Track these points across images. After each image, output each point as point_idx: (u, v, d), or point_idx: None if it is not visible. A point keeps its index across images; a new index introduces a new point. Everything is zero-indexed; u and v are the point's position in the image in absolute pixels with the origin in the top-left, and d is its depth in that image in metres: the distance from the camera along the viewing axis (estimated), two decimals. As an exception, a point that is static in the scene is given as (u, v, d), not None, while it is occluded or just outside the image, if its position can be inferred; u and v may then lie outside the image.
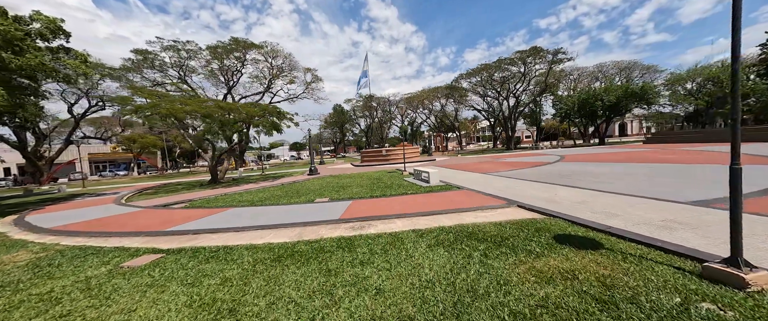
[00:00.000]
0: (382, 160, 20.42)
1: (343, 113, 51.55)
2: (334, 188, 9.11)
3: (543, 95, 36.83)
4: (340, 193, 8.10)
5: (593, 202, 4.98)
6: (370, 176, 12.03)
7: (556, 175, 8.85)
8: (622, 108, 27.60)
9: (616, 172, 8.53)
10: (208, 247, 3.98)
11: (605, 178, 7.45)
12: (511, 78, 34.44)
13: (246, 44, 26.46)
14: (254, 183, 12.89)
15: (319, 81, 33.11)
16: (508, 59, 31.06)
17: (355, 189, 8.65)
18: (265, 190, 9.89)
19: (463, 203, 5.71)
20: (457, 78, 36.38)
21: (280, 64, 30.43)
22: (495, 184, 7.77)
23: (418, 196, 6.77)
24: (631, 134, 54.31)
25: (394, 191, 7.68)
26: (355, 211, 5.63)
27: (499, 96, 37.22)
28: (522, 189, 6.80)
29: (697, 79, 32.18)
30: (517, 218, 4.51)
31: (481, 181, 8.72)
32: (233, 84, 29.92)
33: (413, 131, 54.63)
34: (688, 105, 33.12)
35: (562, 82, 38.37)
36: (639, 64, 36.27)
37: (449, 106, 45.92)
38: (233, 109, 10.96)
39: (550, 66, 30.28)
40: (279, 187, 10.77)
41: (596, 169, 9.54)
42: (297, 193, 8.59)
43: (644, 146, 21.10)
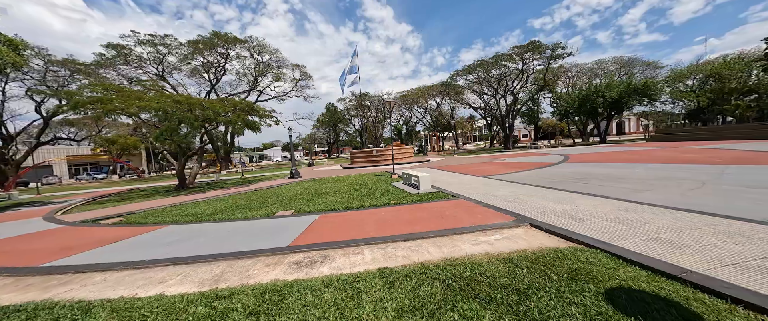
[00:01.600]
0: (373, 161, 19.04)
1: (336, 113, 50.06)
2: (308, 196, 7.71)
3: (541, 93, 35.76)
4: (311, 202, 6.70)
5: (635, 221, 3.65)
6: (354, 180, 10.65)
7: (567, 178, 7.55)
8: (624, 105, 26.54)
9: (639, 174, 7.24)
10: (63, 302, 2.57)
11: (630, 184, 6.15)
12: (509, 75, 33.29)
13: (228, 38, 24.88)
14: (225, 189, 11.44)
15: (309, 78, 31.60)
16: (506, 55, 29.87)
17: (331, 197, 7.26)
18: (227, 199, 8.45)
19: (458, 220, 4.35)
20: (453, 75, 35.13)
21: (266, 60, 28.90)
22: (497, 191, 6.43)
23: (402, 208, 5.40)
24: (629, 133, 53.60)
25: (375, 200, 6.31)
26: (317, 232, 4.24)
27: (496, 94, 36.07)
28: (531, 198, 5.46)
29: (699, 75, 31.32)
30: (534, 247, 3.16)
31: (480, 186, 7.39)
32: (216, 81, 28.30)
33: (409, 131, 53.33)
34: (689, 102, 32.24)
35: (560, 79, 37.35)
36: (639, 60, 35.36)
37: (445, 105, 44.74)
38: (195, 105, 9.49)
39: (549, 62, 29.14)
40: (248, 194, 9.34)
41: (614, 170, 8.26)
42: (262, 203, 7.18)
43: (650, 145, 19.98)
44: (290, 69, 29.85)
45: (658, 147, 16.70)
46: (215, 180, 15.75)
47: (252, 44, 26.64)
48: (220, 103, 10.37)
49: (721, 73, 28.15)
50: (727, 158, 9.11)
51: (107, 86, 10.34)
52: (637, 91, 24.78)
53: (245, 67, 30.22)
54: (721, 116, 31.21)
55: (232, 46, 25.84)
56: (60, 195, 15.12)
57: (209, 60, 26.99)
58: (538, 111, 41.51)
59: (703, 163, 8.43)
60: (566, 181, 7.06)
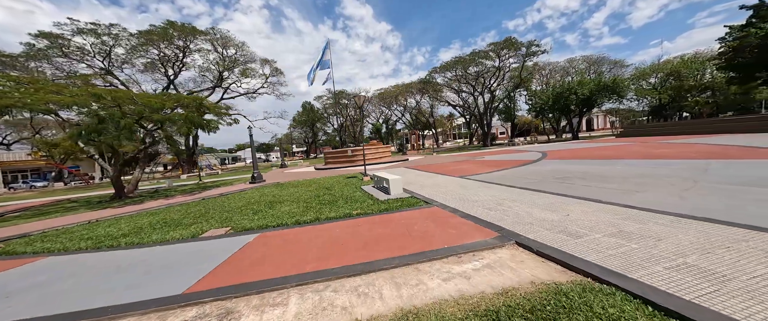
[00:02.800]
0: (348, 161, 17.92)
1: (312, 111, 48.11)
2: (259, 206, 6.51)
3: (517, 90, 36.27)
4: (258, 215, 5.53)
5: (643, 235, 2.90)
6: (321, 184, 9.53)
7: (549, 178, 6.93)
8: (595, 102, 27.32)
9: (621, 172, 6.75)
10: None
11: (617, 183, 5.56)
12: (486, 73, 33.37)
13: (186, 29, 22.55)
14: (170, 198, 9.87)
15: (280, 74, 29.70)
16: (482, 52, 29.80)
17: (286, 207, 6.13)
18: (160, 212, 7.03)
19: (428, 237, 3.43)
20: (431, 72, 34.68)
21: (232, 54, 26.71)
22: (476, 195, 5.62)
23: (363, 221, 4.41)
24: (598, 129, 56.32)
25: (334, 211, 5.27)
26: (239, 265, 3.14)
27: (474, 91, 36.11)
28: (514, 204, 4.68)
29: (660, 73, 33.06)
30: (525, 282, 2.29)
31: (457, 189, 6.57)
32: (174, 77, 25.72)
33: (389, 129, 52.54)
34: (652, 99, 34.00)
35: (535, 77, 38.10)
36: (607, 58, 36.84)
37: (425, 103, 44.35)
38: (122, 100, 7.84)
39: (524, 59, 29.42)
40: (191, 204, 7.94)
41: (594, 168, 7.78)
42: (199, 217, 5.90)
43: (620, 140, 20.48)
44: (259, 64, 27.84)
45: (628, 142, 16.98)
46: (166, 187, 13.90)
47: (215, 37, 24.39)
48: (158, 97, 8.78)
49: (680, 72, 29.81)
50: (701, 153, 9.00)
51: (13, 78, 8.42)
52: (607, 88, 25.52)
53: (209, 61, 27.81)
54: (680, 112, 33.23)
55: (192, 38, 23.48)
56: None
57: (166, 53, 24.41)
58: (515, 108, 42.27)
59: (678, 159, 8.20)
60: (548, 182, 6.41)
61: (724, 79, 25.83)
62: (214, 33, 24.78)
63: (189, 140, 27.24)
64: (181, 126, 8.83)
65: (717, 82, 26.75)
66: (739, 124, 18.68)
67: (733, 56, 22.46)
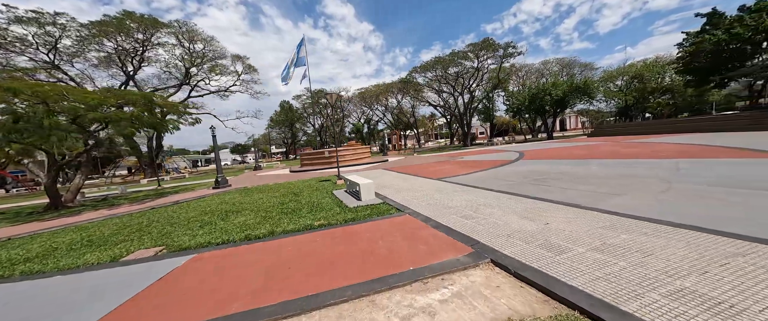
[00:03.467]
0: (325, 163, 17.16)
1: (291, 111, 46.44)
2: (212, 217, 5.73)
3: (495, 91, 37.00)
4: (205, 229, 4.79)
5: (630, 249, 2.57)
6: (290, 189, 8.81)
7: (526, 179, 6.70)
8: (568, 102, 28.32)
9: (597, 173, 6.65)
10: None
11: (594, 185, 5.38)
12: (465, 73, 33.72)
13: (145, 20, 20.69)
14: (116, 207, 8.72)
15: (254, 72, 28.19)
16: (461, 53, 30.02)
17: (242, 217, 5.41)
18: (94, 226, 6.04)
19: (393, 256, 2.93)
20: (411, 72, 34.54)
21: (200, 49, 24.96)
22: (452, 200, 5.22)
23: (323, 235, 3.84)
24: (571, 129, 59.02)
25: (294, 222, 4.66)
26: (144, 306, 2.48)
27: (454, 92, 36.40)
28: (491, 210, 4.31)
29: (625, 76, 34.98)
30: (500, 317, 1.84)
31: (433, 193, 6.16)
32: (134, 73, 23.60)
33: (371, 130, 51.95)
34: (619, 100, 35.90)
35: (512, 78, 39.07)
36: (578, 61, 38.51)
37: (406, 103, 44.22)
38: (49, 96, 6.64)
39: (502, 60, 29.97)
40: (135, 215, 6.96)
41: (570, 168, 7.68)
42: (134, 233, 5.06)
43: (592, 139, 21.24)
44: (230, 61, 26.23)
45: (599, 141, 17.57)
46: (119, 194, 12.47)
47: (179, 30, 22.59)
48: (95, 94, 7.58)
49: (643, 75, 31.63)
50: (668, 152, 9.24)
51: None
52: (579, 90, 26.50)
53: (175, 56, 25.82)
54: (643, 113, 35.34)
55: (153, 31, 21.59)
56: None
57: (124, 47, 22.29)
58: (494, 109, 43.21)
59: (649, 158, 8.32)
60: (526, 184, 6.15)
61: (681, 83, 27.70)
62: (179, 26, 22.98)
63: (152, 141, 25.10)
64: (125, 126, 7.70)
65: (676, 85, 28.62)
66: (694, 125, 19.97)
67: (690, 61, 24.05)
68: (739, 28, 20.11)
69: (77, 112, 7.03)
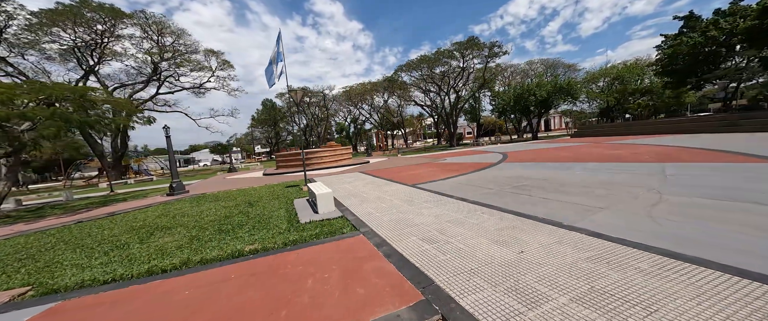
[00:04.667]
0: (301, 165, 16.17)
1: (274, 109, 44.85)
2: (131, 237, 4.78)
3: (481, 90, 36.88)
4: (114, 255, 3.86)
5: (626, 296, 1.89)
6: (250, 196, 7.88)
7: (507, 186, 6.07)
8: (552, 103, 28.39)
9: (581, 179, 6.10)
10: None
11: (578, 196, 4.78)
12: (451, 73, 33.34)
13: (105, 9, 18.97)
14: (40, 220, 7.54)
15: (229, 68, 26.70)
16: (447, 51, 29.58)
17: (170, 237, 4.50)
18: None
19: (316, 308, 2.14)
20: (397, 70, 33.88)
21: (170, 43, 23.31)
22: (418, 215, 4.50)
23: (242, 269, 3.02)
24: (555, 129, 60.05)
25: (223, 246, 3.80)
26: None
27: (441, 91, 36.01)
28: (460, 231, 3.60)
29: (607, 77, 35.58)
30: None
31: (403, 204, 5.42)
32: (95, 65, 21.71)
33: (357, 129, 50.98)
34: (601, 101, 36.50)
35: (498, 78, 39.08)
36: (561, 62, 38.94)
37: (393, 103, 43.54)
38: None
39: (487, 60, 29.74)
40: (48, 232, 5.87)
41: (553, 173, 7.13)
42: (18, 262, 4.06)
43: (575, 140, 21.18)
44: (203, 55, 24.62)
45: (583, 142, 17.41)
46: (63, 200, 11.10)
47: (146, 21, 20.91)
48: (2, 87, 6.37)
49: (624, 76, 32.18)
50: (652, 154, 8.89)
51: None
52: (562, 90, 26.56)
53: (144, 50, 24.00)
54: (624, 114, 36.08)
55: (115, 22, 19.84)
56: None
57: (83, 38, 20.42)
58: (480, 109, 43.21)
59: (633, 161, 7.91)
60: (505, 193, 5.51)
61: (660, 84, 28.28)
62: (146, 17, 21.27)
63: (117, 141, 23.25)
64: (46, 127, 6.55)
65: (654, 86, 29.20)
66: (673, 126, 20.21)
67: (668, 63, 24.45)
68: (714, 31, 20.48)
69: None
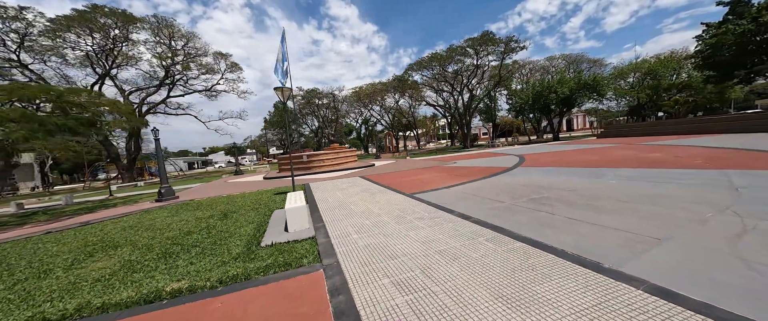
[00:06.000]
0: (303, 168, 15.53)
1: (285, 111, 45.17)
2: (66, 259, 4.13)
3: (497, 89, 35.06)
4: (8, 292, 3.17)
5: None
6: (229, 205, 7.18)
7: (523, 198, 4.94)
8: (575, 101, 26.30)
9: (615, 190, 4.86)
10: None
11: (616, 215, 3.61)
12: (464, 71, 31.82)
13: (116, 14, 19.32)
14: (29, 226, 7.20)
15: (238, 70, 26.73)
16: (460, 48, 28.17)
17: (109, 261, 3.80)
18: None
19: None
20: (407, 70, 32.78)
21: (181, 46, 23.58)
22: (404, 241, 3.52)
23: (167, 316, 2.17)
24: (578, 129, 56.60)
25: (148, 281, 3.02)
26: None
27: (454, 91, 34.54)
28: (451, 272, 2.59)
29: (637, 73, 32.74)
30: None
31: (392, 221, 4.46)
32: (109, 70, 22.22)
33: (369, 131, 50.26)
34: (631, 98, 33.65)
35: (515, 76, 37.06)
36: (585, 57, 36.29)
37: (405, 103, 42.41)
38: None
39: (503, 56, 28.04)
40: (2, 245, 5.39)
41: (579, 182, 5.89)
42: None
43: (603, 141, 19.26)
44: (212, 58, 24.79)
45: (612, 144, 15.63)
46: (63, 204, 11.00)
47: (158, 25, 21.23)
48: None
49: (657, 71, 29.40)
50: (704, 159, 7.37)
51: None
52: (587, 87, 24.48)
53: (157, 54, 24.48)
54: (657, 112, 33.03)
55: (127, 26, 20.23)
56: None
57: (98, 43, 20.98)
58: (495, 108, 41.19)
59: (680, 167, 6.50)
60: (520, 207, 4.41)
61: (700, 79, 25.46)
62: (157, 21, 21.60)
63: (130, 144, 23.80)
64: (14, 130, 6.19)
65: (693, 81, 26.38)
66: (718, 124, 17.87)
67: (710, 55, 21.85)
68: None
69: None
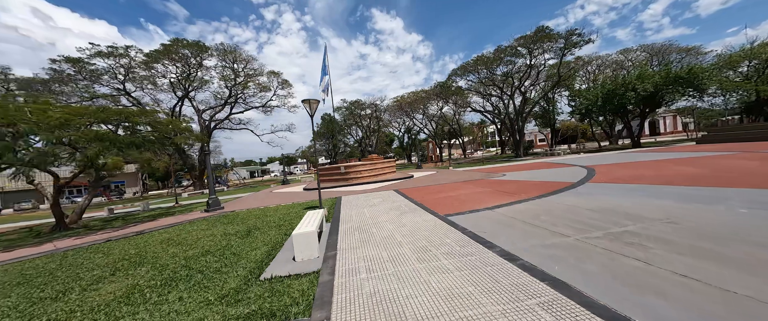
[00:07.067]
0: (340, 179, 15.48)
1: (332, 123, 47.35)
2: (101, 274, 4.30)
3: (556, 90, 31.12)
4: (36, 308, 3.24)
5: None
6: (258, 220, 7.15)
7: (595, 230, 3.61)
8: (661, 99, 21.57)
9: (757, 225, 3.20)
10: None
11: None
12: (516, 73, 29.01)
13: (190, 45, 22.61)
14: (101, 232, 8.30)
15: (288, 86, 28.87)
16: (510, 48, 25.79)
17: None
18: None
19: None
20: (451, 75, 31.29)
21: (242, 68, 26.53)
22: (419, 299, 2.69)
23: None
24: (665, 133, 46.85)
25: (136, 316, 2.76)
26: None
27: (503, 94, 31.76)
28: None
29: (753, 61, 25.61)
30: None
31: (412, 256, 3.64)
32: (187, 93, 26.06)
33: (412, 139, 49.56)
34: (744, 92, 26.41)
35: (579, 74, 32.51)
36: (675, 46, 29.88)
37: (448, 110, 40.67)
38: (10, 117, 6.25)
39: (563, 53, 24.71)
40: (69, 253, 6.07)
41: (684, 208, 4.19)
42: None
43: (706, 148, 15.12)
44: (267, 77, 27.36)
45: (720, 151, 12.04)
46: (141, 209, 12.77)
47: (224, 51, 24.39)
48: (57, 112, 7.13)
49: (789, 55, 22.49)
50: None
51: None
52: (679, 81, 19.85)
53: (225, 77, 28.08)
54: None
55: (201, 54, 23.65)
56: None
57: (181, 70, 24.93)
58: (555, 112, 36.56)
59: None
60: (591, 248, 3.15)
61: None
62: (224, 48, 24.81)
63: (201, 155, 27.53)
64: (91, 148, 7.24)
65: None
66: None
67: None
68: None
69: (35, 132, 6.72)
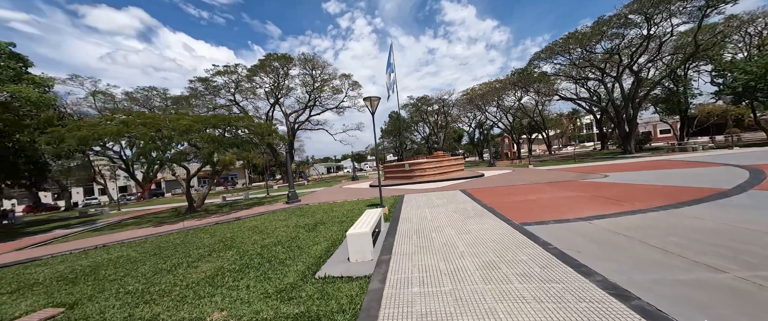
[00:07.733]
0: (405, 177, 15.26)
1: (398, 120, 47.90)
2: (173, 261, 5.17)
3: (690, 64, 23.52)
4: (147, 282, 4.06)
5: None
6: (324, 215, 7.57)
7: (765, 271, 2.29)
8: None
9: None
10: None
11: None
12: (626, 47, 23.06)
13: (278, 57, 26.27)
14: (213, 216, 10.32)
15: (358, 87, 30.48)
16: (616, 18, 20.63)
17: (207, 265, 4.48)
18: (140, 244, 6.80)
19: None
20: (532, 59, 27.14)
21: (319, 73, 29.43)
22: (479, 325, 2.15)
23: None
24: None
25: (210, 299, 3.13)
26: None
27: (606, 76, 25.81)
28: None
29: None
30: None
31: (475, 273, 3.09)
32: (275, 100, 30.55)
33: (484, 135, 45.72)
34: None
35: (729, 39, 23.77)
36: None
37: (529, 100, 35.63)
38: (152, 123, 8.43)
39: (703, 13, 18.29)
40: (177, 234, 7.62)
41: None
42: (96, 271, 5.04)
43: None
44: (339, 80, 29.56)
45: None
46: (243, 199, 15.52)
47: (305, 60, 27.64)
48: (185, 120, 9.17)
49: None
50: None
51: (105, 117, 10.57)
52: None
53: (306, 83, 31.78)
54: None
55: (288, 64, 27.56)
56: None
57: (273, 81, 29.43)
58: (688, 94, 27.53)
59: None
60: (763, 300, 1.97)
61: None
62: (304, 57, 28.03)
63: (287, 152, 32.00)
64: (206, 148, 9.16)
65: None
66: None
67: None
68: None
69: (172, 135, 8.78)
